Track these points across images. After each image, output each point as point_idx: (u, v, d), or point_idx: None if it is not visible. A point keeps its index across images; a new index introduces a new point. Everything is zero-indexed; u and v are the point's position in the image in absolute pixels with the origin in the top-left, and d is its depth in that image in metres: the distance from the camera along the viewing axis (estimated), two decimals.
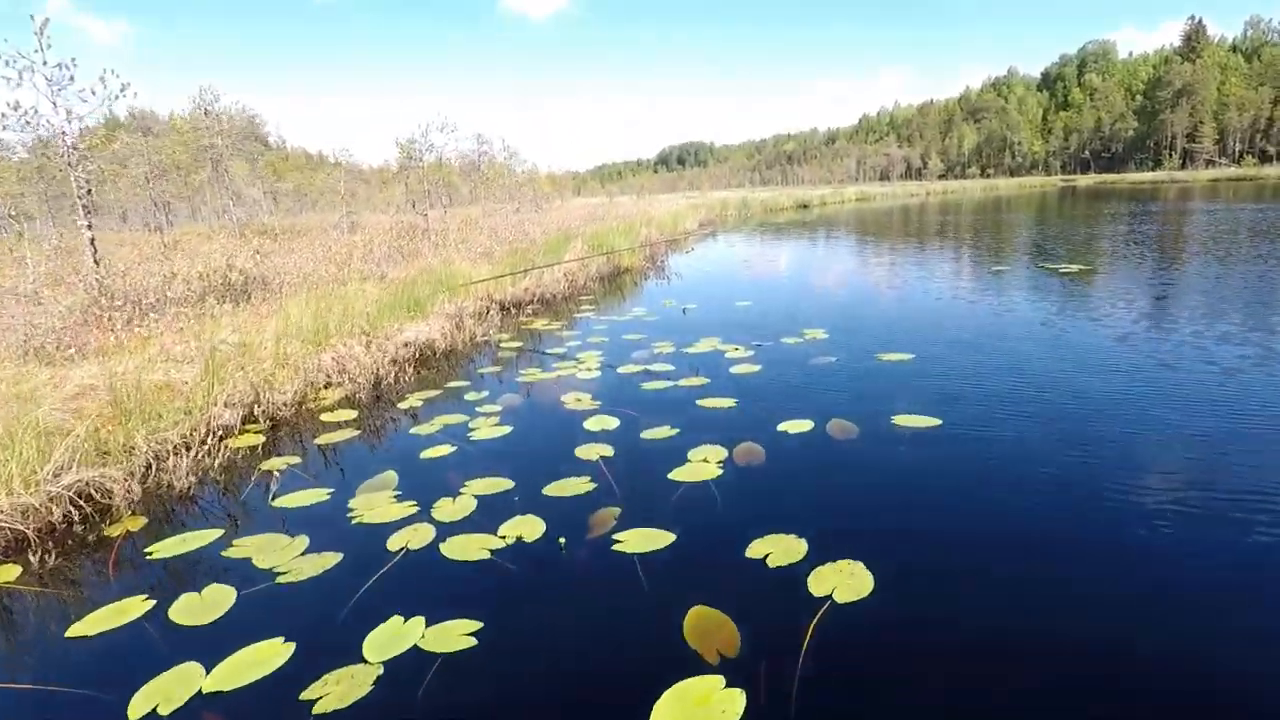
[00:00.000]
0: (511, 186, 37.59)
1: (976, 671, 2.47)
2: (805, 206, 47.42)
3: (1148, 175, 79.51)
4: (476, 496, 4.00)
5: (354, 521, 3.78)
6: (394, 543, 3.50)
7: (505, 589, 3.10)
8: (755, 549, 3.27)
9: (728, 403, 5.50)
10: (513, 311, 10.85)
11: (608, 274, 14.79)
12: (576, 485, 4.09)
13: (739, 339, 7.76)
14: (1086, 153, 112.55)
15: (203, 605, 3.04)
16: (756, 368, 6.53)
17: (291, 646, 2.71)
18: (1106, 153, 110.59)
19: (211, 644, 2.75)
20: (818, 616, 2.74)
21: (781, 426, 4.88)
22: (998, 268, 12.63)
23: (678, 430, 4.92)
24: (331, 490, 4.22)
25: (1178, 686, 2.38)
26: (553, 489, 4.06)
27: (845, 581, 2.97)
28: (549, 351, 7.87)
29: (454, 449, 4.87)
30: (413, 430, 5.33)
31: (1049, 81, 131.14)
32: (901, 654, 2.59)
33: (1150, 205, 30.69)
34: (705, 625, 2.77)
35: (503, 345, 8.34)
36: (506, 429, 5.23)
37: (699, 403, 5.54)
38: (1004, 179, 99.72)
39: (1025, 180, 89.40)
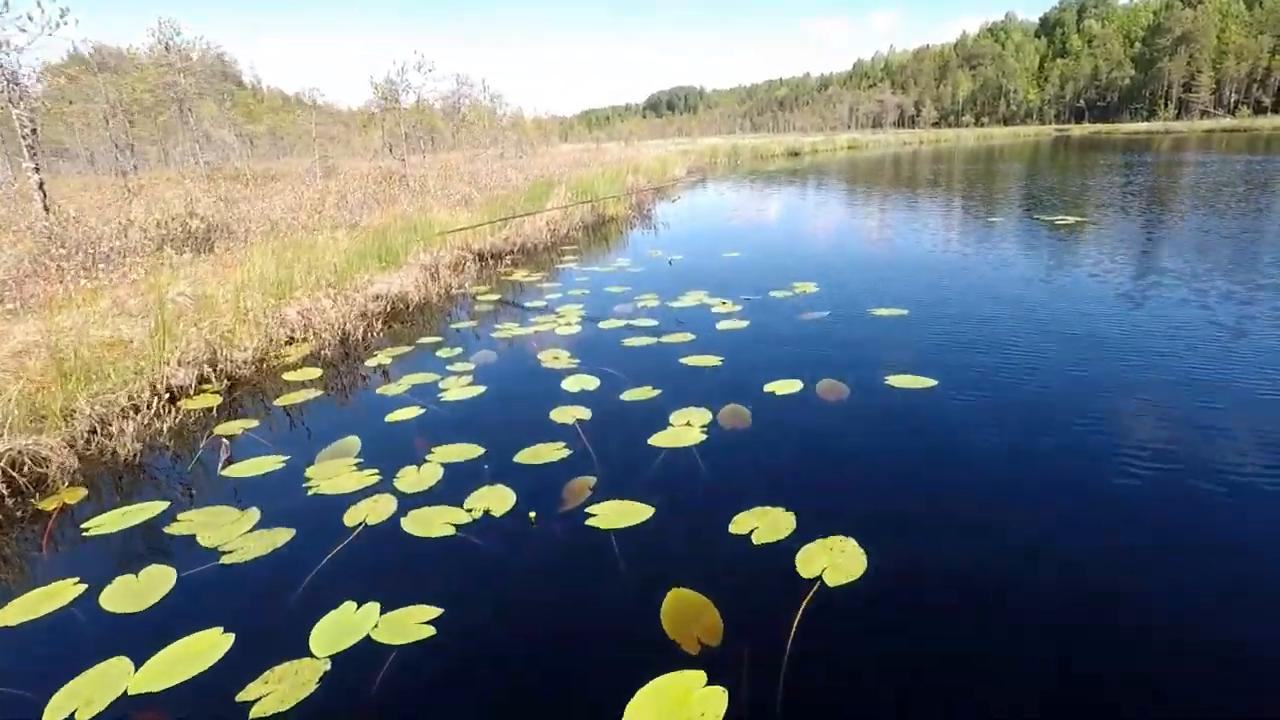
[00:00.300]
0: (495, 130, 36.48)
1: (978, 664, 2.28)
2: (796, 154, 46.49)
3: (1142, 125, 78.51)
4: (444, 464, 3.75)
5: (310, 493, 3.51)
6: (351, 517, 3.25)
7: (469, 570, 2.87)
8: (740, 523, 3.04)
9: (713, 361, 5.24)
10: (491, 262, 10.45)
11: (592, 223, 14.33)
12: (550, 452, 3.84)
13: (726, 292, 7.46)
14: (1082, 102, 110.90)
15: (138, 589, 2.78)
16: (744, 323, 6.25)
17: (230, 638, 2.47)
18: (1102, 102, 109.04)
19: (144, 635, 2.51)
20: (806, 600, 2.53)
21: (769, 387, 4.63)
22: (993, 219, 12.30)
23: (660, 391, 4.66)
24: (288, 457, 3.94)
25: (1200, 667, 2.20)
26: (525, 456, 3.80)
27: (835, 560, 2.76)
28: (528, 305, 7.54)
29: (422, 411, 4.59)
30: (380, 390, 5.04)
31: (1047, 27, 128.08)
32: (896, 643, 2.39)
33: (1145, 156, 30.24)
34: (685, 610, 2.56)
35: (480, 298, 7.99)
36: (479, 389, 4.95)
37: (683, 360, 5.28)
38: (998, 128, 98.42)
39: (1019, 129, 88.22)
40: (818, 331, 5.99)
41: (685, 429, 4.05)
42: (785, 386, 4.63)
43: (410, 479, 3.60)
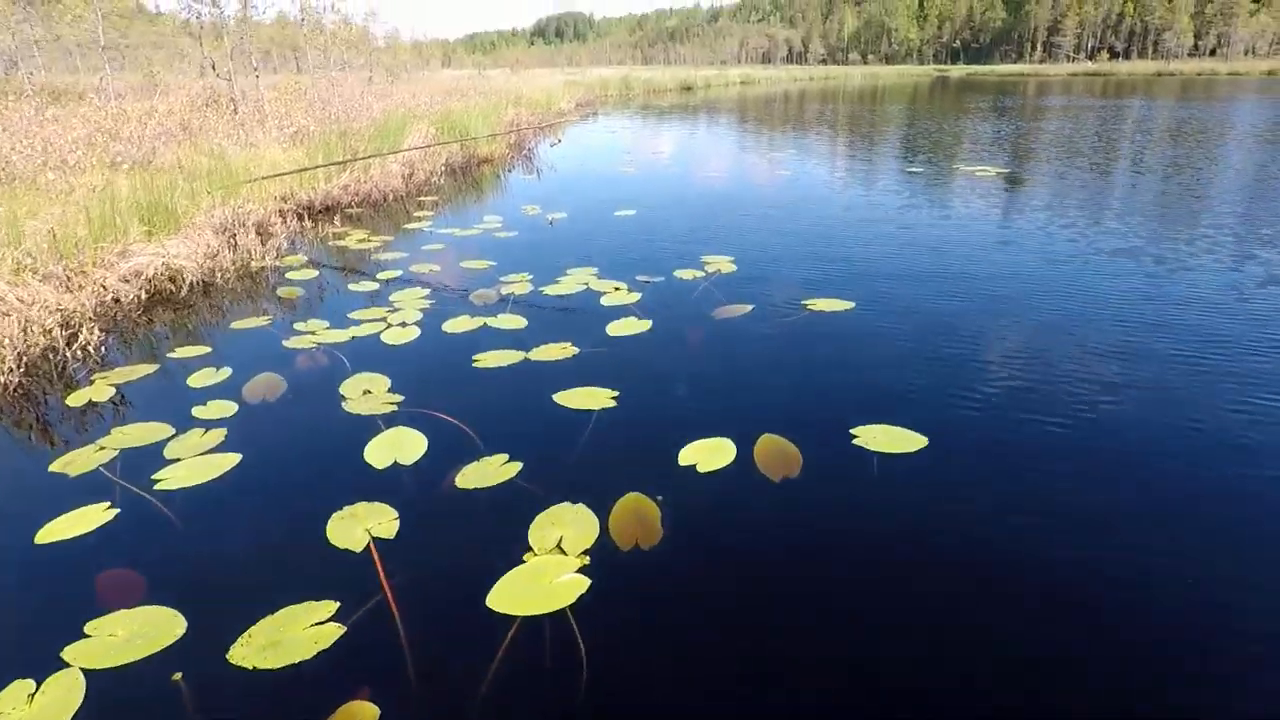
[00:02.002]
0: (367, 53, 32.16)
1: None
2: (689, 89, 44.51)
3: (1014, 68, 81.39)
4: (88, 675, 1.93)
5: None
6: None
7: None
8: None
9: (603, 398, 3.57)
10: (322, 218, 8.19)
11: (461, 165, 12.10)
12: (308, 640, 2.09)
13: (620, 271, 5.77)
14: (958, 42, 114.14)
15: None
16: (645, 325, 4.58)
17: None
18: (976, 43, 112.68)
19: None
20: None
21: (687, 455, 3.04)
22: (912, 169, 11.12)
23: (519, 467, 2.97)
24: None
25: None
26: (256, 648, 2.04)
27: None
28: (354, 288, 5.54)
29: (113, 516, 2.69)
30: (56, 465, 3.05)
31: None
32: None
33: (1034, 100, 30.46)
34: None
35: (290, 275, 5.89)
36: (228, 462, 3.06)
37: (559, 399, 3.58)
38: (882, 66, 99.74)
39: (903, 68, 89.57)
40: (746, 341, 4.43)
41: (554, 561, 2.40)
42: (710, 454, 3.06)
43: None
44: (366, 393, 3.70)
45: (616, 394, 3.60)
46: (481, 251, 6.55)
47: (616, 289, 5.31)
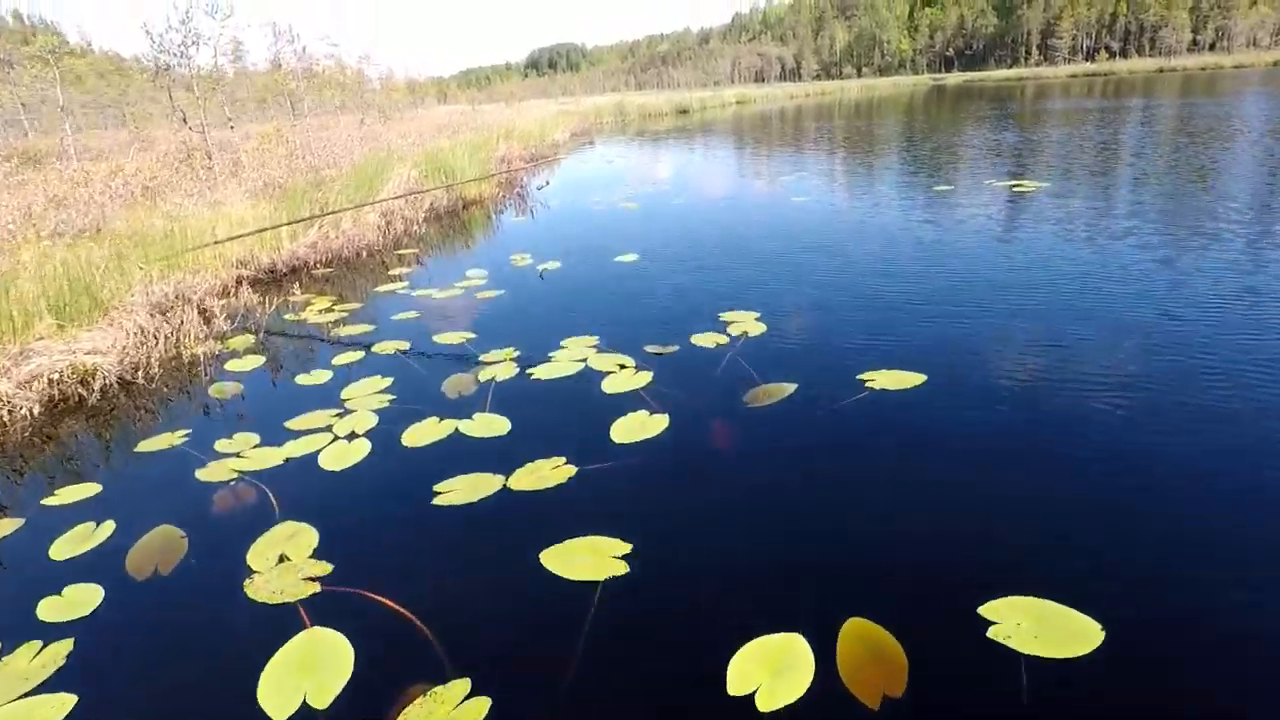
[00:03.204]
0: (362, 94, 31.74)
1: None
2: (685, 111, 43.88)
3: (1011, 72, 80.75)
4: None
5: None
6: None
7: None
8: None
9: (609, 557, 2.54)
10: (287, 282, 7.26)
11: (448, 209, 11.20)
12: None
13: (625, 339, 4.76)
14: (951, 50, 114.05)
15: None
16: (660, 424, 3.56)
17: None
18: (969, 50, 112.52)
19: None
20: None
21: (741, 672, 2.00)
22: (940, 187, 10.12)
23: (485, 712, 1.94)
24: None
25: None
26: None
27: None
28: (302, 380, 4.55)
29: None
30: None
31: None
32: None
33: (1044, 103, 29.56)
34: None
35: (230, 366, 4.92)
36: (48, 716, 2.04)
37: (547, 563, 2.55)
38: (876, 79, 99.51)
39: (898, 79, 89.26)
40: (795, 442, 3.39)
41: None
42: (774, 664, 2.02)
43: None
44: (283, 560, 2.68)
45: (628, 550, 2.57)
46: (460, 319, 5.57)
47: (622, 366, 4.30)
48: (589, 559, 2.54)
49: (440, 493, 3.06)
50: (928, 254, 6.45)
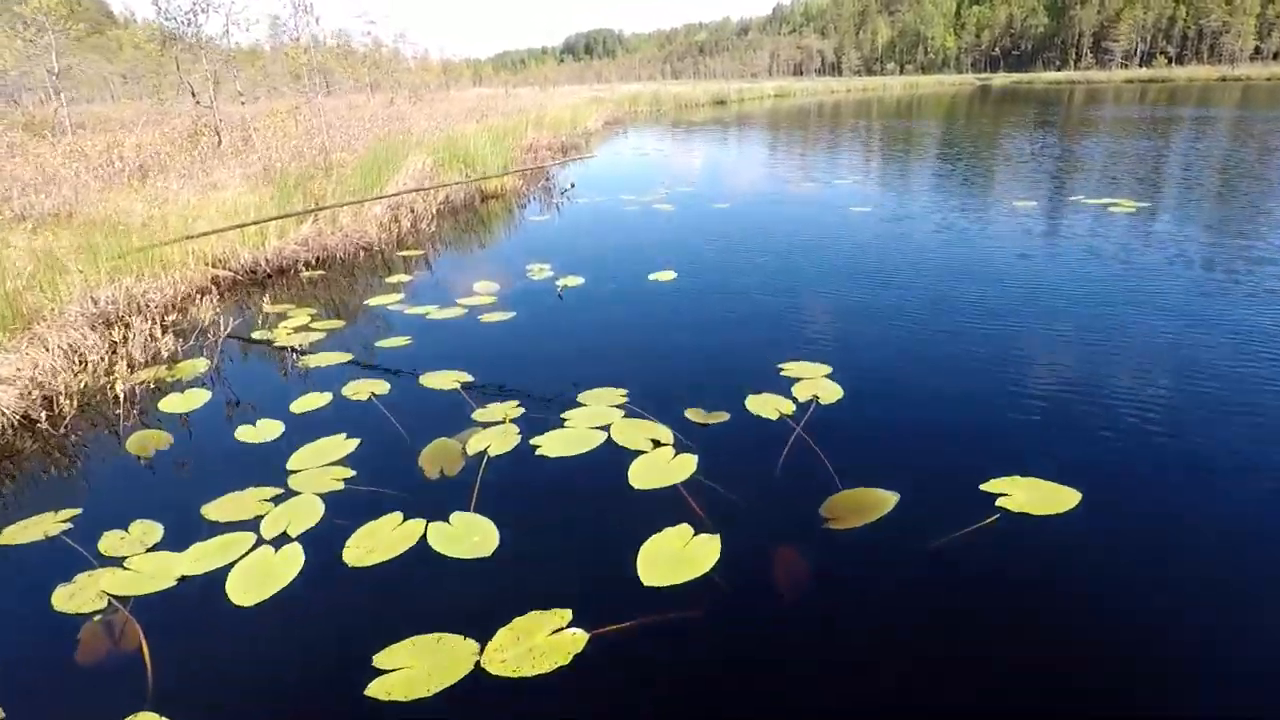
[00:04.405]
0: (399, 73, 30.97)
1: None
2: (722, 102, 42.57)
3: (1060, 75, 77.79)
4: None
5: None
6: None
7: None
8: None
9: None
10: (268, 284, 6.31)
11: (464, 203, 10.20)
12: None
13: (659, 393, 3.72)
14: (997, 50, 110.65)
15: None
16: (709, 552, 2.48)
17: None
18: (1016, 50, 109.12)
19: None
20: None
21: None
22: (1021, 202, 8.87)
23: None
24: None
25: None
26: None
27: None
28: (241, 436, 3.55)
29: None
30: None
31: None
32: None
33: (1107, 110, 27.85)
34: None
35: (166, 402, 3.94)
36: None
37: None
38: (920, 76, 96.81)
39: (942, 78, 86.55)
40: (894, 596, 2.34)
41: None
42: None
43: None
44: None
45: None
46: (458, 351, 4.56)
47: (656, 443, 3.25)
48: None
49: (381, 669, 2.04)
50: (1042, 297, 5.24)
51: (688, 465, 3.06)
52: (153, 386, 4.14)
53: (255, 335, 4.96)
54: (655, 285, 5.87)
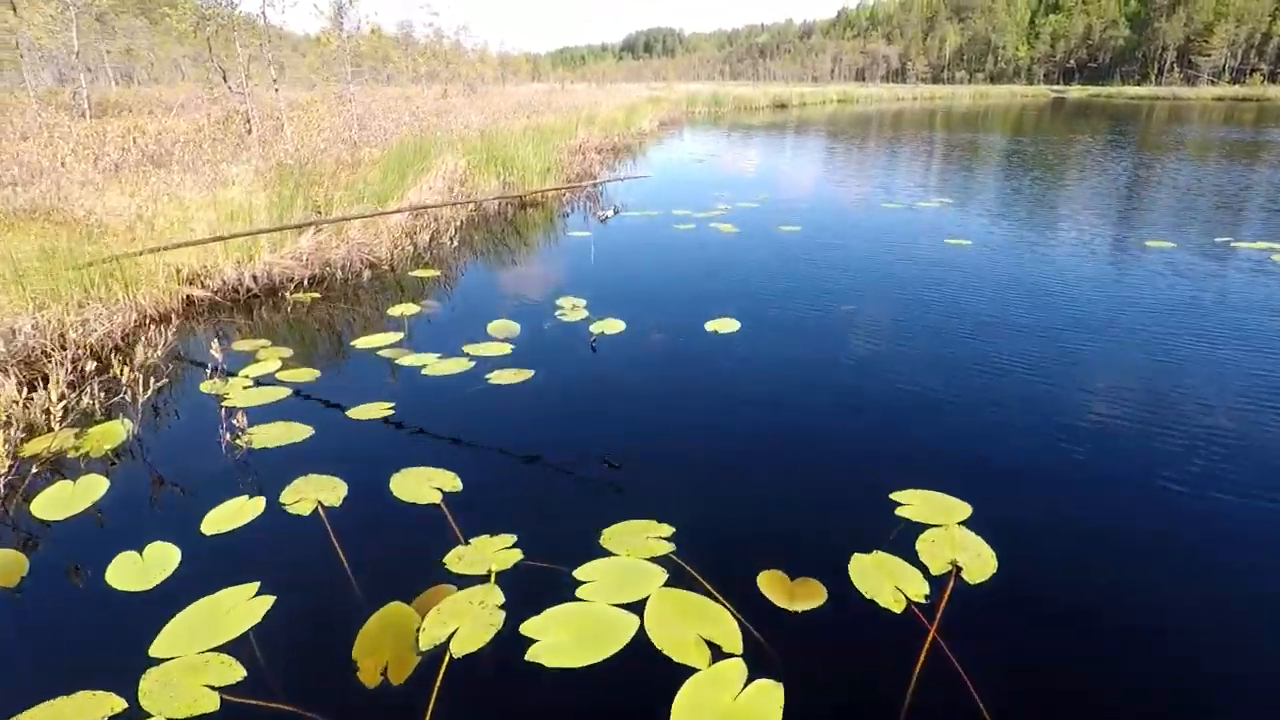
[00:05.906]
0: (458, 65, 30.48)
1: None
2: (783, 106, 41.02)
3: (1143, 90, 73.64)
4: None
5: None
6: None
7: None
8: None
9: None
10: (251, 307, 5.31)
11: (497, 211, 9.15)
12: None
13: (717, 535, 2.53)
14: (1072, 61, 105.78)
15: None
16: None
17: None
18: (1093, 62, 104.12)
19: None
20: None
21: None
22: (1157, 243, 7.35)
23: None
24: None
25: None
26: None
27: None
28: (116, 579, 2.48)
29: None
30: None
31: None
32: None
33: (1215, 132, 25.53)
34: None
35: (44, 498, 2.91)
36: None
37: None
38: (988, 86, 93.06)
39: (1014, 88, 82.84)
40: None
41: None
42: None
43: None
44: None
45: None
46: (451, 430, 3.44)
47: (718, 650, 2.06)
48: None
49: None
50: (1244, 404, 3.92)
51: (768, 702, 1.87)
52: (48, 460, 3.12)
53: (204, 387, 3.92)
54: (713, 340, 4.66)
